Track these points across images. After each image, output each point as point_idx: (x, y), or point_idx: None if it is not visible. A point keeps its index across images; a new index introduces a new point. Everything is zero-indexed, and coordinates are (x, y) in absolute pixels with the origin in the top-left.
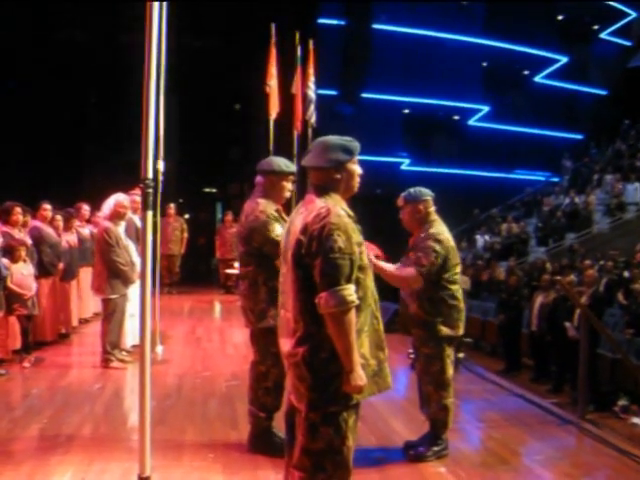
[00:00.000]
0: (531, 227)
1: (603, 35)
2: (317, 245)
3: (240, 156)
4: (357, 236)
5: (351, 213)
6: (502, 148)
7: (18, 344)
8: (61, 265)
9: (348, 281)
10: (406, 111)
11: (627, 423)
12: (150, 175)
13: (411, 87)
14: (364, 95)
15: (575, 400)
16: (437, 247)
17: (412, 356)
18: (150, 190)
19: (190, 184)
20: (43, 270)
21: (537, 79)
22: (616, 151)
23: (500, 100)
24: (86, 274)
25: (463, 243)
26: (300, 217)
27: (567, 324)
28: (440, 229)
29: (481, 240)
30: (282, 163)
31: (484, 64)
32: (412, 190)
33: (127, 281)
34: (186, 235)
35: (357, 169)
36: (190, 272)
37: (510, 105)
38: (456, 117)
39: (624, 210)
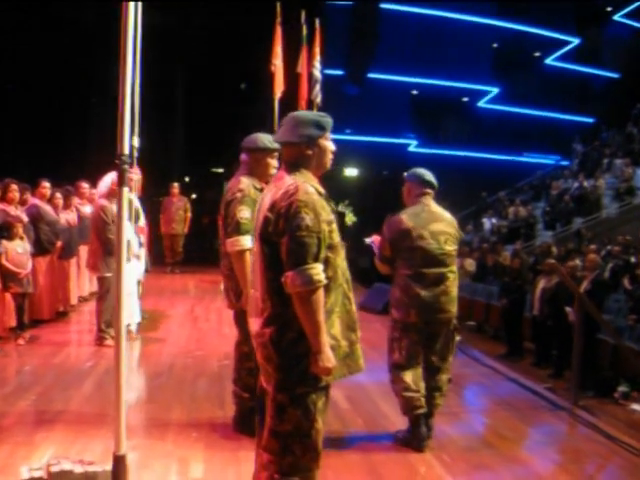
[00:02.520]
0: (539, 211)
1: (616, 17)
2: (284, 223)
3: (245, 135)
4: (327, 214)
5: (322, 190)
6: (511, 130)
7: (13, 322)
8: (59, 243)
9: (315, 260)
10: (414, 92)
11: (626, 409)
12: (126, 151)
13: (420, 68)
14: (371, 75)
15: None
16: (385, 231)
17: None
18: (126, 166)
19: (197, 163)
20: (41, 248)
21: (548, 61)
22: (627, 135)
23: (510, 82)
24: (86, 252)
25: (469, 226)
26: (269, 194)
27: (568, 309)
28: (404, 212)
29: (488, 223)
30: (266, 139)
31: (494, 45)
32: (413, 170)
33: None
34: (189, 215)
35: (330, 145)
36: (194, 252)
37: (520, 87)
38: (465, 99)
39: (633, 195)
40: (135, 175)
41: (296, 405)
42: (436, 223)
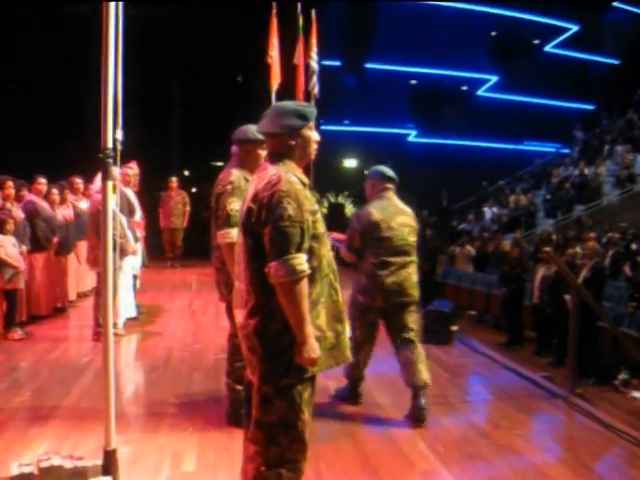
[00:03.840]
0: (539, 199)
1: (616, 3)
2: (267, 213)
3: None
4: (310, 204)
5: (305, 180)
6: (511, 119)
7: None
8: (56, 239)
9: (298, 250)
10: (413, 82)
11: (627, 397)
12: (110, 145)
13: (418, 57)
14: (369, 66)
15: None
16: (354, 223)
17: None
18: (110, 160)
19: (197, 157)
20: (37, 244)
21: (547, 48)
22: (628, 122)
23: (509, 70)
24: (84, 248)
25: (470, 216)
26: (253, 185)
27: (567, 297)
28: (372, 206)
29: (489, 212)
30: (256, 131)
31: (493, 33)
32: (374, 167)
33: (122, 253)
34: (188, 209)
35: (314, 135)
36: (194, 246)
37: (520, 75)
38: (464, 87)
39: (634, 182)
40: (131, 170)
41: (281, 396)
42: (401, 216)
